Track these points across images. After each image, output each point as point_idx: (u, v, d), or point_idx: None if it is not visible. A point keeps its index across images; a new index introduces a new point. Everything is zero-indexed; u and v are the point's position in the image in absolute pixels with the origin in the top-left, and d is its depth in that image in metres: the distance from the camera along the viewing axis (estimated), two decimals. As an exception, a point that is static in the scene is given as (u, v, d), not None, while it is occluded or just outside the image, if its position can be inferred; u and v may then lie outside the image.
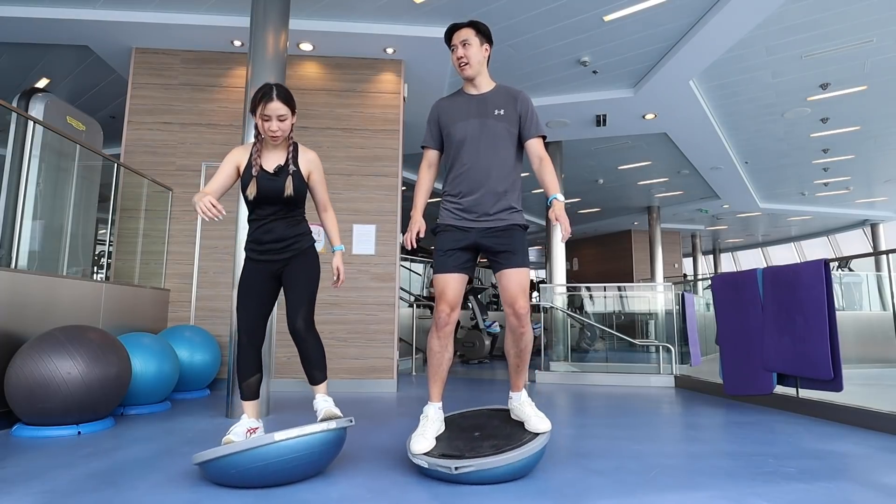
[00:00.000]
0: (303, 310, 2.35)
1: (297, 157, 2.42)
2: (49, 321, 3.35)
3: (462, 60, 2.42)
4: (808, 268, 3.57)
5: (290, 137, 2.43)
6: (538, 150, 2.42)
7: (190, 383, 4.25)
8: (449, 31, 2.48)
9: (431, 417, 2.33)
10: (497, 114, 2.40)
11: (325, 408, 2.26)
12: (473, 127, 2.39)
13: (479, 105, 2.43)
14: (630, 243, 15.68)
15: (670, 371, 5.54)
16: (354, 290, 5.10)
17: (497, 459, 2.04)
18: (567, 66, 5.91)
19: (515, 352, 2.39)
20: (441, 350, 2.38)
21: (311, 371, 2.39)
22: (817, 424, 3.37)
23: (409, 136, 7.20)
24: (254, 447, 1.95)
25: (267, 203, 2.35)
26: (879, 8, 4.79)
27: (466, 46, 2.41)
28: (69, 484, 2.05)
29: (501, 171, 2.38)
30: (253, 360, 2.37)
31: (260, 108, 2.33)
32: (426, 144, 2.54)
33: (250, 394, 2.38)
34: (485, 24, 2.47)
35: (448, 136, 2.45)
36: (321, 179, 2.49)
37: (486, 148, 2.38)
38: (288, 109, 2.35)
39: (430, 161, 2.54)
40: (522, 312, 2.31)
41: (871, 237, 14.80)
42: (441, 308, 2.35)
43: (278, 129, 2.33)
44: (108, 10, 4.86)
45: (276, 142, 2.38)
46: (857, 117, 7.31)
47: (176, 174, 5.16)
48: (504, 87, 2.49)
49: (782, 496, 1.97)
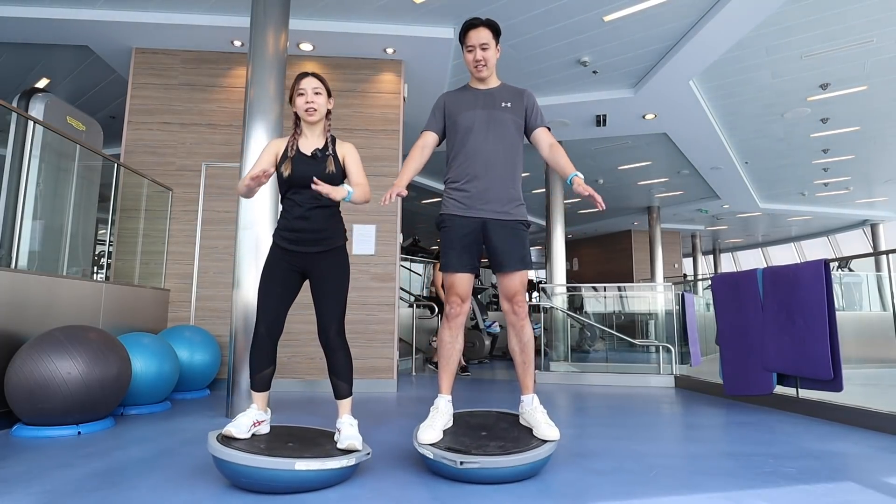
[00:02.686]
0: (336, 319, 2.31)
1: (335, 146, 2.43)
2: (49, 321, 3.35)
3: (481, 63, 2.45)
4: (808, 268, 3.58)
5: (327, 128, 2.44)
6: (547, 136, 2.48)
7: (190, 383, 4.25)
8: (465, 29, 2.47)
9: (441, 409, 2.35)
10: (504, 105, 2.46)
11: (349, 439, 2.16)
12: (481, 116, 2.44)
13: (486, 97, 2.48)
14: (630, 243, 15.68)
15: (670, 371, 5.54)
16: (354, 290, 5.08)
17: (502, 460, 2.04)
18: (567, 67, 5.91)
19: (519, 348, 2.41)
20: (452, 341, 2.41)
21: (338, 383, 2.33)
22: (817, 424, 3.37)
23: (409, 136, 7.20)
24: (271, 469, 1.91)
25: (302, 186, 2.29)
26: (879, 8, 4.79)
27: (486, 49, 2.44)
28: (69, 484, 2.05)
29: (508, 158, 2.43)
30: (270, 352, 2.31)
31: (295, 86, 2.38)
32: (428, 128, 2.53)
33: (262, 386, 2.32)
34: (498, 24, 2.49)
35: (454, 125, 2.47)
36: (356, 161, 2.44)
37: (494, 136, 2.42)
38: (321, 84, 2.39)
39: (425, 142, 2.52)
40: (520, 305, 2.37)
41: (871, 237, 14.80)
42: (452, 300, 2.39)
43: (314, 101, 2.35)
44: (108, 10, 4.86)
45: (313, 118, 2.37)
46: (857, 117, 7.31)
47: (176, 174, 5.16)
48: (509, 85, 2.57)
49: (782, 496, 1.97)
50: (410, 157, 2.48)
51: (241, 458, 1.93)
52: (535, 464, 2.13)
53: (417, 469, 2.29)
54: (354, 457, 2.08)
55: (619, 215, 13.89)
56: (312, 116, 2.37)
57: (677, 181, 10.54)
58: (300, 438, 2.25)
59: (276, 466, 1.92)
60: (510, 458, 2.05)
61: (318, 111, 2.37)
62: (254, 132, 3.67)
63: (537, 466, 2.16)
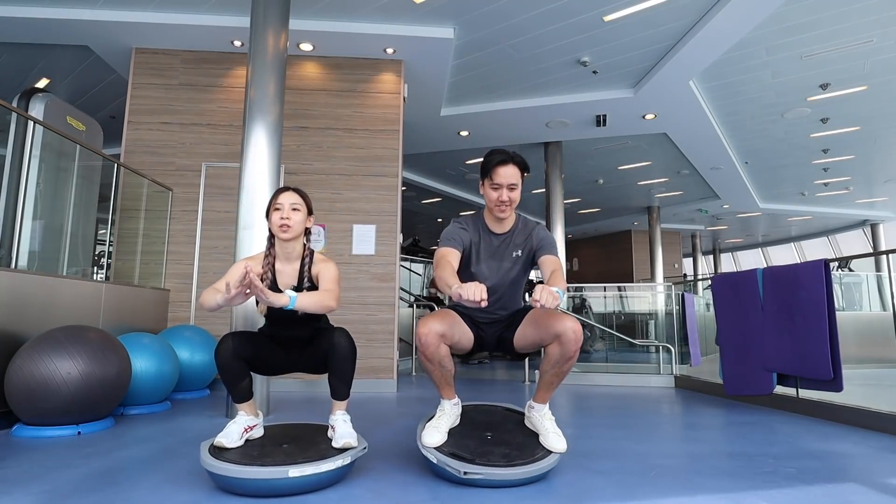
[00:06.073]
0: (344, 335, 2.22)
1: (311, 268, 2.25)
2: (49, 321, 3.35)
3: (505, 204, 2.29)
4: (807, 268, 3.57)
5: (305, 247, 2.29)
6: (551, 264, 2.27)
7: (190, 383, 4.25)
8: (494, 163, 2.29)
9: (448, 411, 2.33)
10: (515, 256, 2.39)
11: (345, 437, 2.13)
12: (493, 267, 2.39)
13: (501, 246, 2.40)
14: (630, 243, 15.68)
15: (670, 371, 5.54)
16: (354, 290, 5.10)
17: (506, 472, 2.02)
18: (567, 67, 5.91)
19: (556, 371, 2.20)
20: (432, 359, 2.31)
21: (339, 385, 2.24)
22: (817, 424, 3.37)
23: (409, 137, 7.22)
24: (264, 479, 1.89)
25: (282, 319, 2.23)
26: (879, 8, 4.79)
27: (513, 190, 2.29)
28: (69, 484, 2.05)
29: (512, 297, 2.44)
30: (237, 367, 2.17)
31: (272, 201, 2.24)
32: (452, 247, 2.29)
33: (243, 397, 2.24)
34: (527, 162, 2.38)
35: (467, 265, 2.40)
36: (329, 276, 2.23)
37: (502, 278, 2.39)
38: (302, 201, 2.25)
39: (455, 256, 2.30)
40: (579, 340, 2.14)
41: (871, 237, 14.80)
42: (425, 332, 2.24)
43: (289, 217, 2.19)
44: (108, 10, 4.86)
45: (286, 235, 2.20)
46: (857, 117, 7.31)
47: (176, 174, 5.16)
48: (523, 222, 2.45)
49: (782, 496, 1.97)
50: (448, 266, 2.18)
51: (233, 471, 1.89)
52: (539, 476, 2.12)
53: (418, 469, 2.29)
54: (350, 454, 2.07)
55: (619, 215, 13.89)
56: (286, 233, 2.20)
57: (677, 181, 10.54)
58: (295, 438, 2.23)
59: (269, 476, 1.89)
60: (514, 470, 2.03)
61: (292, 228, 2.20)
62: (254, 132, 3.68)
63: (541, 477, 2.15)
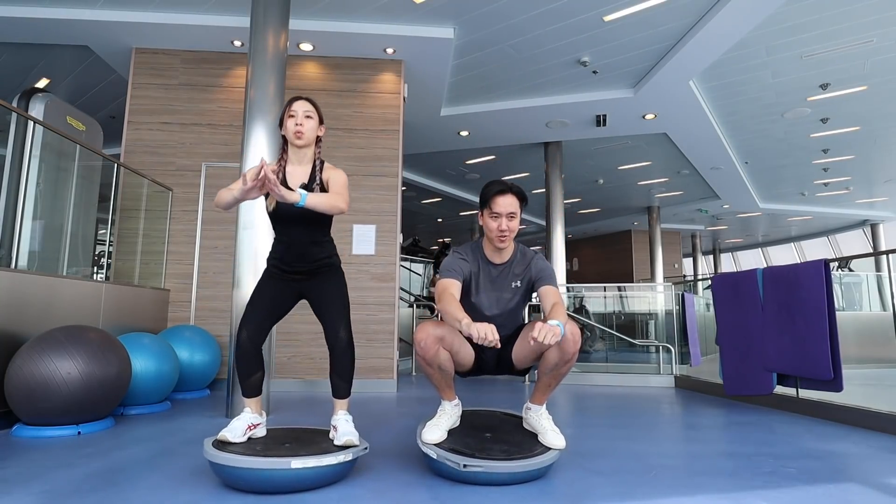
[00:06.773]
0: (343, 324, 2.31)
1: (322, 173, 2.32)
2: (49, 321, 3.35)
3: (504, 233, 2.32)
4: (807, 268, 3.57)
5: (316, 153, 2.35)
6: (552, 296, 2.28)
7: (190, 383, 4.25)
8: (492, 193, 2.34)
9: (448, 412, 2.35)
10: (515, 286, 2.42)
11: (346, 434, 2.17)
12: (492, 298, 2.42)
13: (500, 277, 2.42)
14: (630, 243, 15.69)
15: (670, 371, 5.54)
16: (354, 290, 5.06)
17: (506, 465, 2.03)
18: (567, 67, 5.91)
19: (554, 374, 2.24)
20: (432, 363, 2.33)
21: (339, 383, 2.33)
22: (817, 424, 3.37)
23: (409, 137, 7.21)
24: (267, 469, 1.91)
25: (289, 221, 2.26)
26: (879, 8, 4.79)
27: (512, 219, 2.33)
28: (69, 484, 2.05)
29: (512, 325, 2.46)
30: (255, 356, 2.30)
31: (286, 109, 2.31)
32: (455, 278, 2.31)
33: (253, 391, 2.32)
34: (525, 193, 2.42)
35: (467, 295, 2.41)
36: (339, 182, 2.29)
37: (502, 317, 2.42)
38: (314, 109, 2.33)
39: (457, 287, 2.31)
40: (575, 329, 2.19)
41: (871, 237, 14.81)
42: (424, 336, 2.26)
43: (303, 124, 2.27)
44: (108, 10, 4.86)
45: (300, 142, 2.28)
46: (857, 117, 7.31)
47: (176, 174, 5.16)
48: (521, 252, 2.47)
49: (782, 496, 1.97)
50: (453, 300, 2.19)
51: (237, 461, 1.93)
52: (539, 471, 2.13)
53: (418, 469, 2.29)
54: (352, 452, 2.08)
55: (619, 215, 13.89)
56: (300, 140, 2.27)
57: (677, 181, 10.54)
58: (297, 439, 2.25)
59: (271, 466, 1.92)
60: (514, 463, 2.05)
61: (305, 135, 2.27)
62: (254, 132, 3.68)
63: (540, 473, 2.16)
